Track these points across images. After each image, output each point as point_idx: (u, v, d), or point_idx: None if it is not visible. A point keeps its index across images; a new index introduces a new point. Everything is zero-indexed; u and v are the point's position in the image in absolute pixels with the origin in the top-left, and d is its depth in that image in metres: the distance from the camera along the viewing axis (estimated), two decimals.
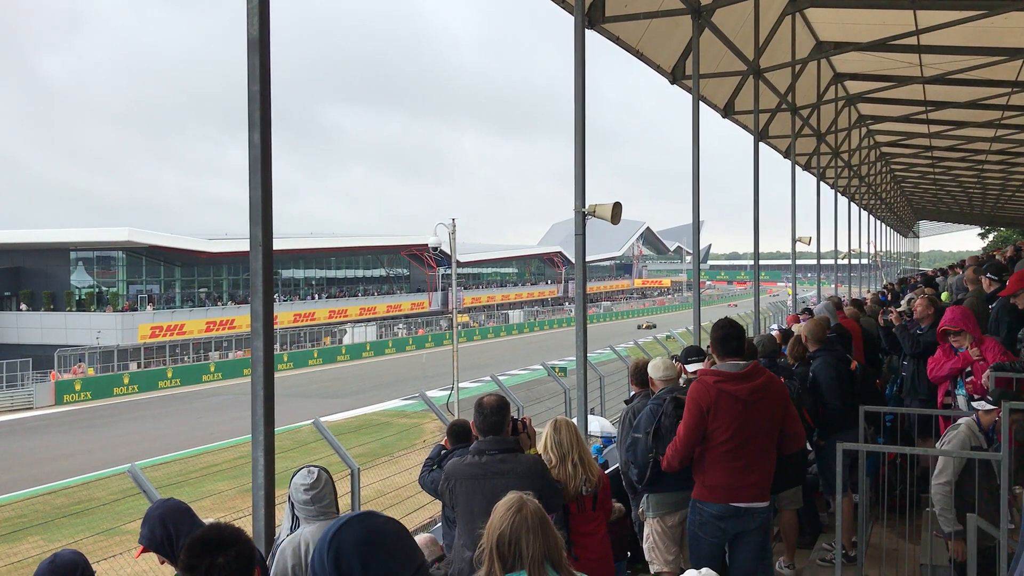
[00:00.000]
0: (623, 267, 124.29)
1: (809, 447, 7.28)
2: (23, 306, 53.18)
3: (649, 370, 5.89)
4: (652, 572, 5.67)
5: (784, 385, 5.02)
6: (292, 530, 3.78)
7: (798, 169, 18.55)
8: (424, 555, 2.45)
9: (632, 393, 6.32)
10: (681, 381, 5.79)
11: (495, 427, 4.41)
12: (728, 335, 4.79)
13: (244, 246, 3.94)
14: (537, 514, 2.76)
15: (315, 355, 56.99)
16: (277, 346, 52.91)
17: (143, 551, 3.60)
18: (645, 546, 5.74)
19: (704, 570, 3.07)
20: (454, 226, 34.67)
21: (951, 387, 6.78)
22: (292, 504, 3.80)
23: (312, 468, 3.93)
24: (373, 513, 2.42)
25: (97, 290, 54.78)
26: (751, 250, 15.28)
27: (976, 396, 6.15)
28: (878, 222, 41.82)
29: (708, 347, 4.99)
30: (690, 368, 6.02)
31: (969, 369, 6.44)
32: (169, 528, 3.51)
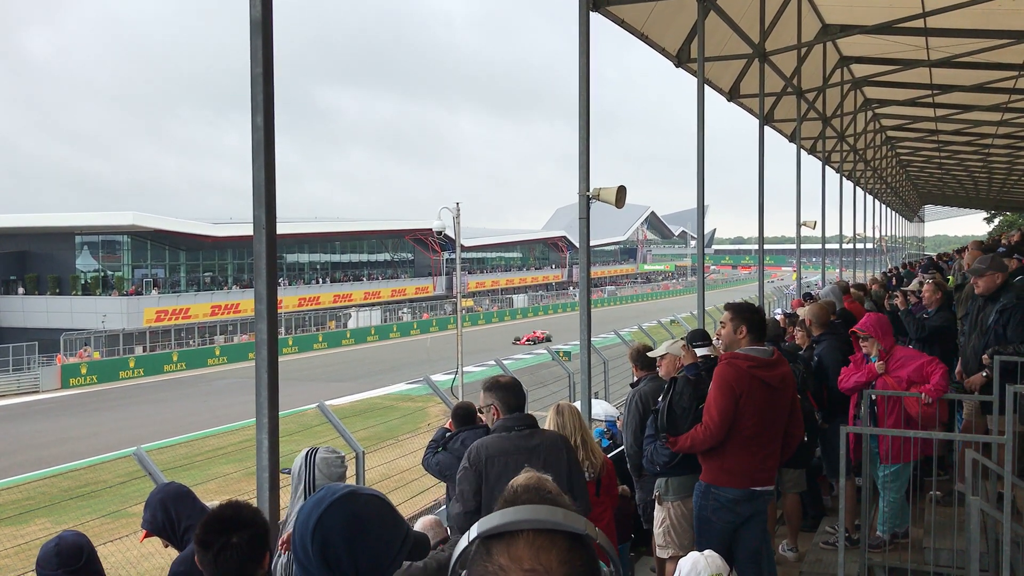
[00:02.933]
0: (627, 251, 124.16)
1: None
2: (20, 290, 53.24)
3: (682, 353, 5.89)
4: (667, 556, 5.65)
5: (792, 371, 5.06)
6: None
7: (803, 153, 18.47)
8: (407, 523, 2.26)
9: (636, 377, 6.32)
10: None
11: (521, 403, 4.39)
12: (763, 319, 4.86)
13: (249, 230, 3.94)
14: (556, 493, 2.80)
15: (320, 339, 57.12)
16: (282, 330, 53.01)
17: (147, 535, 3.63)
18: (659, 530, 5.71)
19: (707, 552, 3.08)
20: (458, 210, 34.62)
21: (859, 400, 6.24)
22: (308, 483, 3.80)
23: (330, 448, 3.97)
24: (354, 491, 2.19)
25: (102, 274, 54.90)
26: (756, 234, 15.24)
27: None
28: (883, 206, 41.69)
29: (722, 328, 4.94)
30: (699, 352, 5.99)
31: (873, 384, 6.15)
32: (171, 512, 3.54)
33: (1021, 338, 6.11)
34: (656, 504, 5.75)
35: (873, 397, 5.97)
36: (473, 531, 1.31)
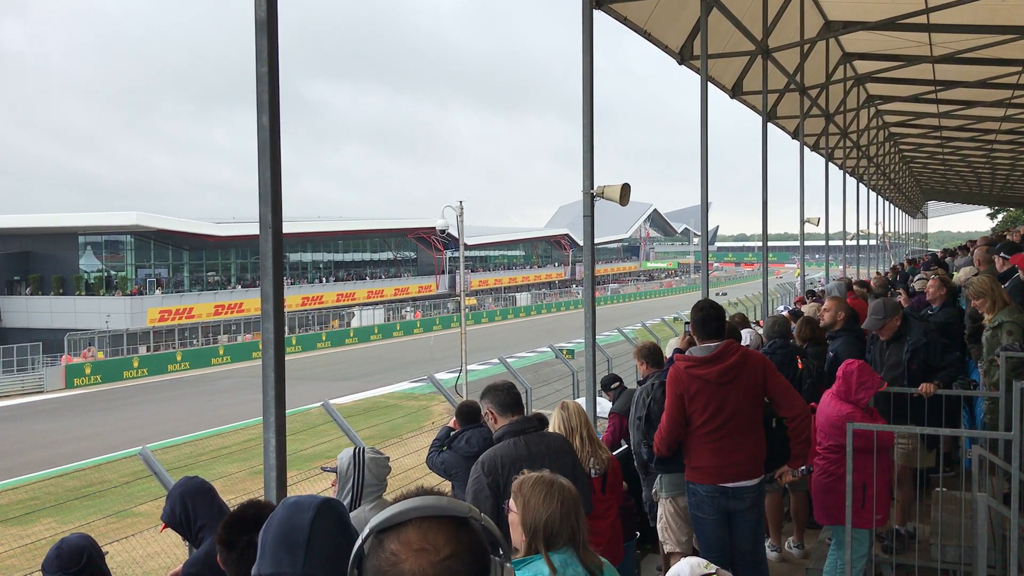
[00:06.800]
0: (630, 249, 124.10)
1: None
2: (27, 290, 53.34)
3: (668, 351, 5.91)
4: (666, 551, 5.70)
5: (764, 358, 5.02)
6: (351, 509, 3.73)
7: (806, 150, 18.45)
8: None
9: (642, 375, 6.34)
10: None
11: (514, 400, 4.28)
12: (708, 316, 4.88)
13: (252, 229, 3.96)
14: (574, 490, 2.83)
15: (323, 338, 57.13)
16: (286, 329, 53.00)
17: (166, 527, 3.67)
18: (659, 526, 5.76)
19: (692, 559, 3.09)
20: (461, 209, 34.60)
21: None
22: (356, 482, 3.78)
23: (375, 448, 3.97)
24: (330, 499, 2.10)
25: (106, 274, 54.96)
26: (759, 231, 15.23)
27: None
28: (886, 203, 41.69)
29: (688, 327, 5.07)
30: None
31: None
32: (188, 507, 3.56)
33: (949, 362, 6.34)
34: (657, 501, 5.80)
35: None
36: (366, 528, 1.43)
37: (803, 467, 5.06)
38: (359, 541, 1.43)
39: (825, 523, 5.38)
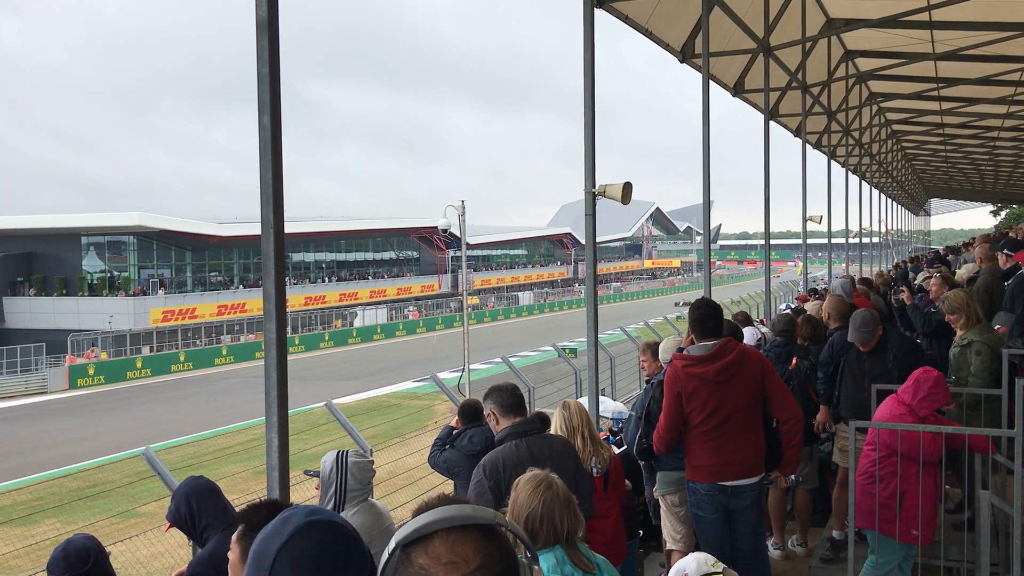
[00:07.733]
0: (633, 248, 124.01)
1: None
2: (31, 291, 53.42)
3: (660, 352, 5.90)
4: (666, 549, 5.71)
5: (761, 356, 5.03)
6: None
7: (809, 148, 18.43)
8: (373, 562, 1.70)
9: (648, 375, 6.34)
10: None
11: (516, 402, 4.31)
12: (706, 315, 4.88)
13: (254, 230, 3.95)
14: (565, 490, 2.81)
15: (326, 338, 57.12)
16: (288, 329, 52.93)
17: (170, 526, 3.67)
18: (663, 523, 5.77)
19: (697, 554, 3.08)
20: (463, 208, 34.60)
21: None
22: (339, 487, 3.78)
23: (359, 451, 3.96)
24: (332, 517, 1.75)
25: (109, 275, 55.03)
26: (761, 229, 15.22)
27: None
28: (889, 200, 41.63)
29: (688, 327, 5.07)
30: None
31: None
32: (192, 506, 3.57)
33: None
34: (657, 498, 5.81)
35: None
36: (391, 543, 1.39)
37: (793, 476, 5.02)
38: (385, 555, 1.39)
39: (860, 526, 5.11)
